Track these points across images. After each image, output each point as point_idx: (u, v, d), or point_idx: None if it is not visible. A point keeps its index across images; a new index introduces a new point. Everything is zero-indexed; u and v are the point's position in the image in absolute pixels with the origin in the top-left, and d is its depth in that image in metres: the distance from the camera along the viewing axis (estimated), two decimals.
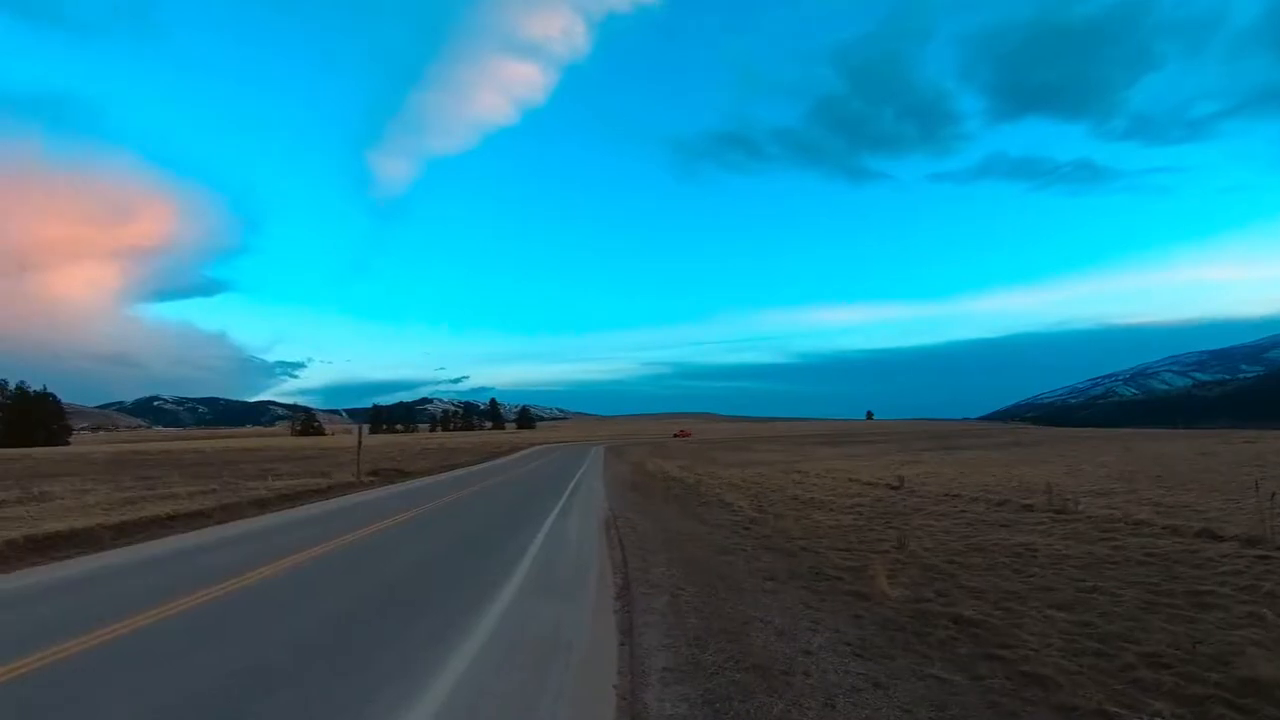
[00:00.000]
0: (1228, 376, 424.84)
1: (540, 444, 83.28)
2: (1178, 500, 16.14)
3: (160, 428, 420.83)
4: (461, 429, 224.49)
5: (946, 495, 18.54)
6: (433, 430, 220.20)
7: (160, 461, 46.38)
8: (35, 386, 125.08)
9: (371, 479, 27.74)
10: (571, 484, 22.98)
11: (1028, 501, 15.93)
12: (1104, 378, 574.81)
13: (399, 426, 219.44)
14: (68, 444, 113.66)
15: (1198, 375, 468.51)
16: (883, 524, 13.27)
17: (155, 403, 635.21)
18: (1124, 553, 9.50)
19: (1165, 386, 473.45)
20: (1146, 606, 6.65)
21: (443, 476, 29.34)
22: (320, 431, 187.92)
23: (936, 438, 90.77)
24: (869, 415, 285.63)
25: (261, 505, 17.81)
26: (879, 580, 7.17)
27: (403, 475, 30.17)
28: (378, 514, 14.58)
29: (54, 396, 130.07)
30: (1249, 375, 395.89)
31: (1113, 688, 4.39)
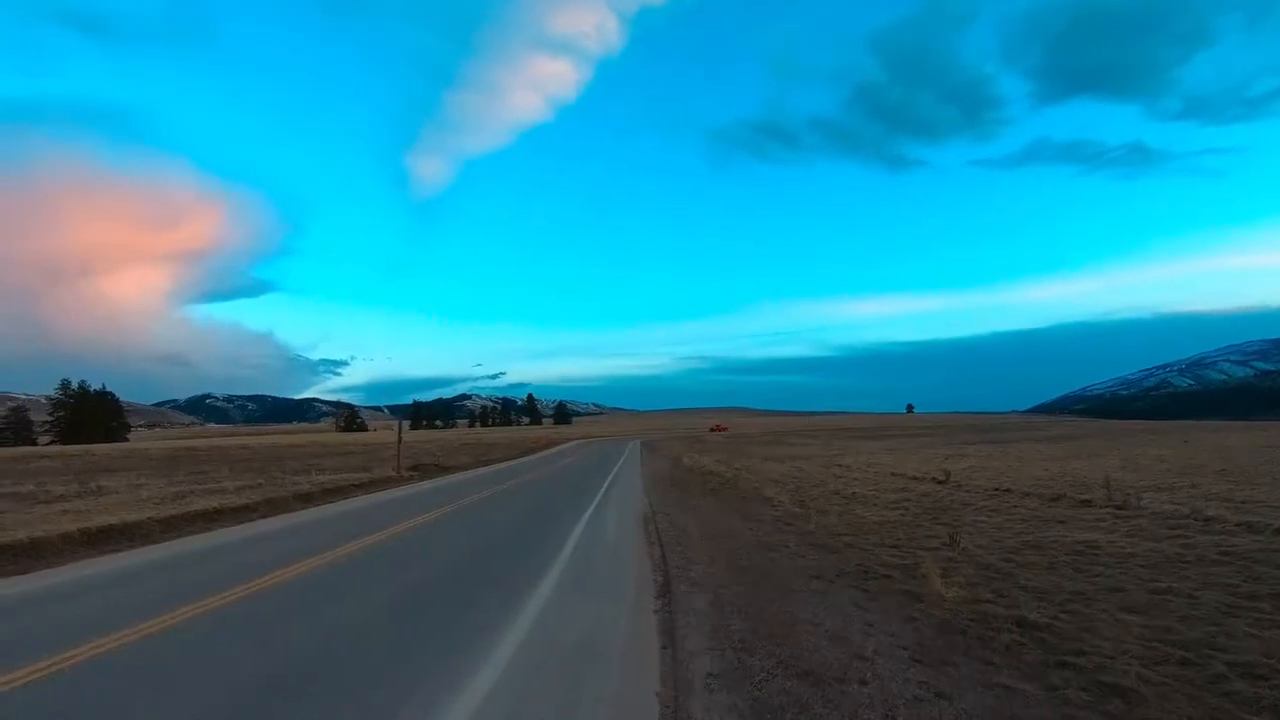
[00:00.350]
0: None
1: (576, 439, 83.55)
2: (1248, 496, 15.21)
3: (212, 424, 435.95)
4: (499, 425, 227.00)
5: (996, 490, 17.85)
6: (471, 426, 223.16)
7: (211, 457, 47.81)
8: (95, 386, 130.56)
9: (412, 474, 28.14)
10: (608, 479, 22.84)
11: (1085, 497, 15.20)
12: (1157, 368, 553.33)
13: (438, 422, 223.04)
14: (126, 440, 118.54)
15: (1258, 365, 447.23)
16: (931, 520, 12.77)
17: (207, 400, 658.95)
18: (1196, 551, 8.90)
19: (1223, 377, 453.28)
20: (1228, 610, 6.15)
21: (480, 471, 29.52)
22: (363, 428, 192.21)
23: (980, 430, 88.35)
24: (909, 408, 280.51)
25: (305, 499, 18.21)
26: (933, 579, 6.79)
27: (442, 470, 30.50)
28: (418, 508, 14.67)
29: (112, 395, 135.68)
30: None
31: (1205, 702, 3.99)
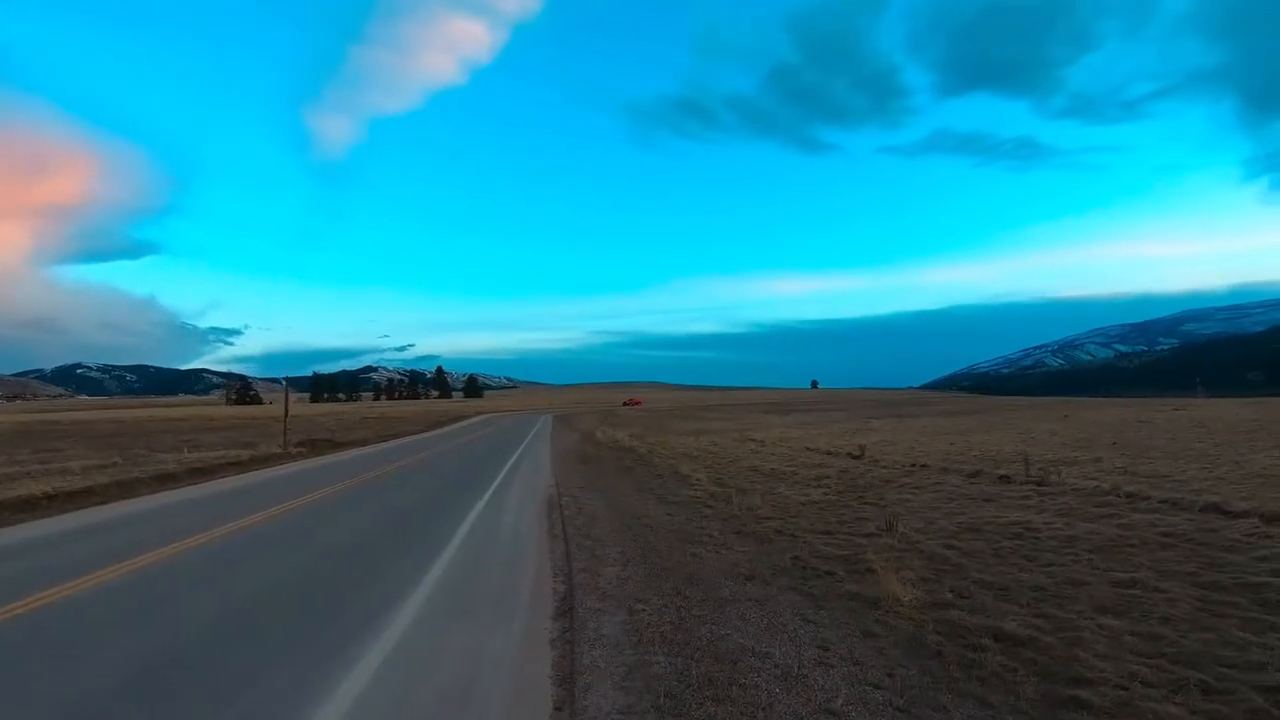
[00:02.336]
0: (1146, 348, 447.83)
1: (487, 413, 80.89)
2: (1152, 470, 15.46)
3: (84, 396, 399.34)
4: (407, 398, 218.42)
5: (913, 465, 17.56)
6: (377, 399, 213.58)
7: (71, 432, 42.63)
8: None
9: (300, 450, 25.72)
10: (514, 456, 21.22)
11: (1002, 472, 14.99)
12: (1034, 349, 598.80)
13: (341, 395, 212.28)
14: None
15: (1119, 347, 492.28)
16: (857, 499, 12.04)
17: (79, 370, 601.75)
18: (1136, 533, 8.40)
19: (1089, 358, 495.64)
20: (1208, 608, 5.43)
21: (378, 447, 27.28)
22: (257, 400, 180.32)
23: (882, 405, 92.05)
24: (814, 384, 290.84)
25: (164, 480, 15.97)
26: (885, 579, 5.76)
27: (335, 446, 28.18)
28: (290, 492, 12.69)
29: None
30: (1165, 347, 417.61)
31: None
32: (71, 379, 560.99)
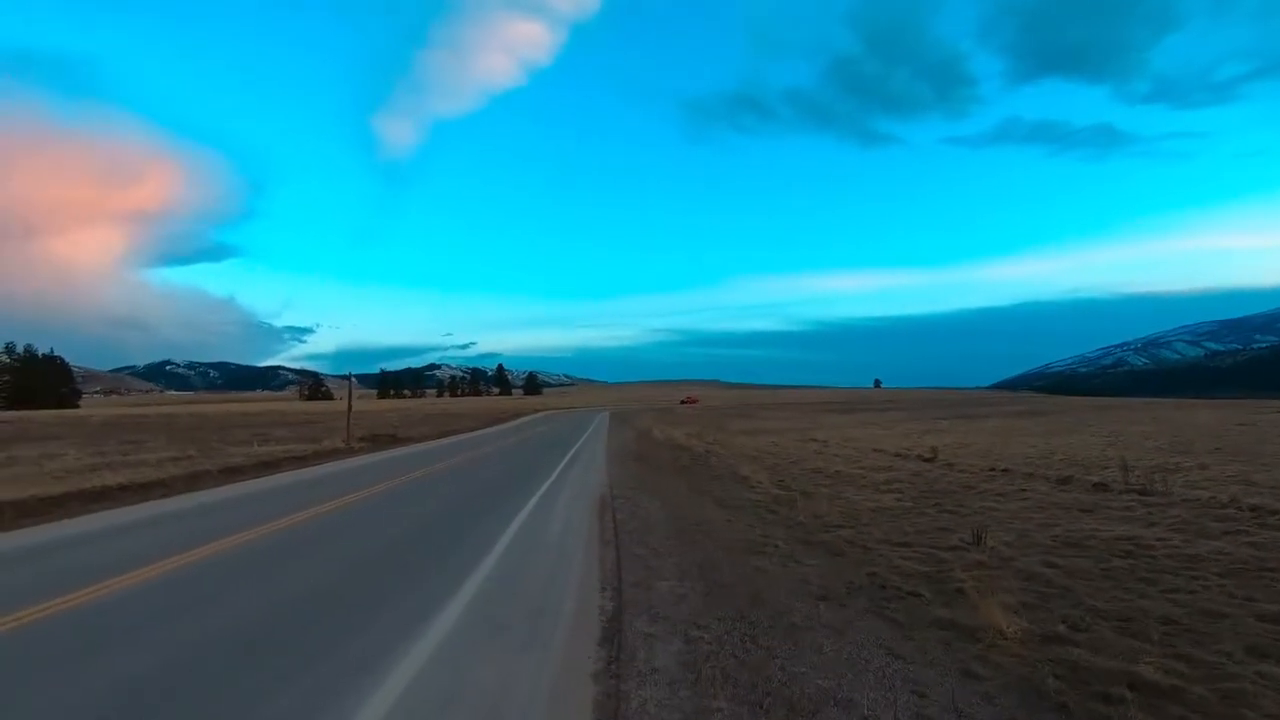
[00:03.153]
0: (1240, 346, 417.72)
1: (545, 410, 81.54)
2: (1272, 479, 13.81)
3: (172, 391, 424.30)
4: (468, 395, 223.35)
5: (992, 470, 16.30)
6: (439, 396, 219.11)
7: (156, 425, 44.88)
8: (45, 350, 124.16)
9: (362, 445, 26.19)
10: (569, 454, 20.85)
11: (1096, 479, 13.68)
12: (1115, 347, 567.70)
13: (406, 392, 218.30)
14: (77, 407, 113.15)
15: (1210, 345, 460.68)
16: (934, 506, 11.08)
17: (167, 367, 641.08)
18: (1274, 554, 7.25)
19: (1177, 356, 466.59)
20: None
21: (437, 444, 27.44)
22: (328, 396, 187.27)
23: (950, 405, 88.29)
24: (877, 383, 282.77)
25: (231, 473, 16.39)
26: (981, 604, 4.96)
27: (396, 442, 28.60)
28: (345, 487, 12.64)
29: (61, 359, 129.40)
30: (1263, 345, 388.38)
31: None
32: (161, 375, 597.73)
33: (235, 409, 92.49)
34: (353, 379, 32.41)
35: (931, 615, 5.03)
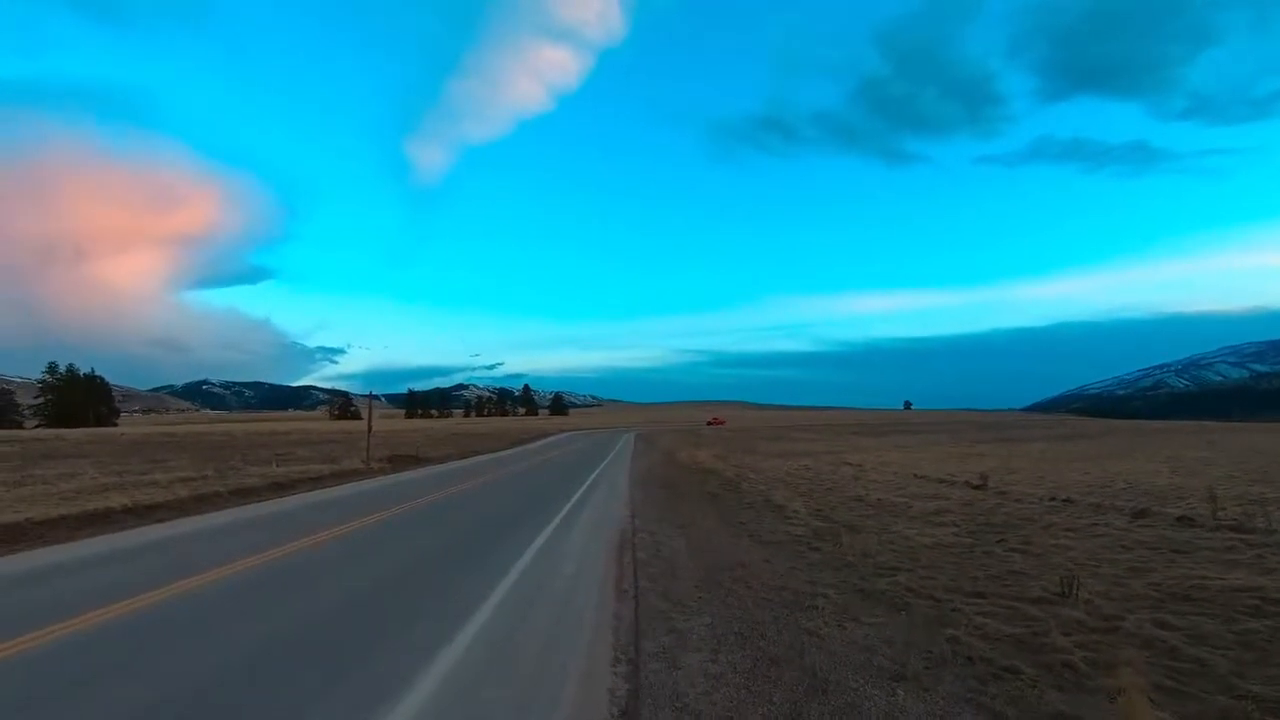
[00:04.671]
0: None
1: (570, 430, 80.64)
2: None
3: (208, 410, 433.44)
4: (495, 415, 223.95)
5: (1052, 499, 14.83)
6: (466, 416, 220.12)
7: (184, 444, 44.92)
8: (87, 369, 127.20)
9: (382, 465, 25.53)
10: (591, 477, 19.76)
11: (1177, 511, 12.20)
12: (1154, 368, 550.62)
13: (434, 412, 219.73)
14: (115, 425, 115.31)
15: (1254, 366, 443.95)
16: (997, 542, 9.76)
17: (204, 386, 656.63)
18: None
19: (1220, 378, 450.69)
20: None
21: (457, 464, 26.64)
22: (357, 416, 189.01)
23: (987, 428, 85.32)
24: (907, 405, 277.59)
25: (242, 495, 15.86)
26: (1129, 704, 3.75)
27: (417, 462, 27.98)
28: (346, 514, 11.76)
29: (101, 379, 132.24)
30: None
31: None
32: (199, 394, 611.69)
33: (264, 428, 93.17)
34: (372, 399, 31.83)
35: (1048, 708, 3.82)
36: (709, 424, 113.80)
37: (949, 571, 7.73)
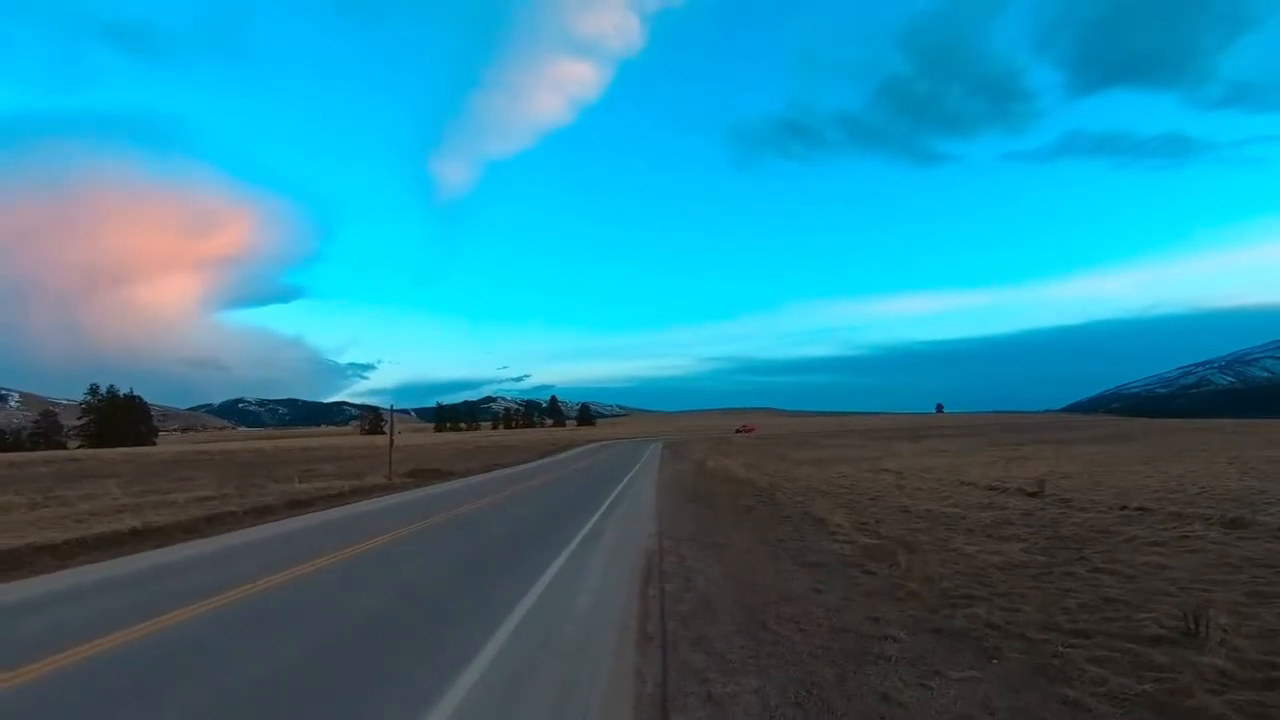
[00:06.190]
0: None
1: (597, 441, 79.82)
2: None
3: (243, 428, 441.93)
4: (522, 426, 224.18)
5: (1124, 508, 13.44)
6: (494, 428, 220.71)
7: (215, 462, 45.08)
8: (127, 390, 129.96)
9: (406, 480, 25.06)
10: (616, 490, 18.73)
11: (1274, 520, 10.79)
12: (1196, 365, 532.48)
13: (462, 425, 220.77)
14: (153, 444, 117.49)
15: None
16: (1077, 561, 8.52)
17: (240, 404, 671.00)
18: None
19: (1266, 374, 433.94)
20: None
21: (480, 478, 25.91)
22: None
23: (1024, 430, 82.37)
24: (939, 408, 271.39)
25: (260, 514, 15.18)
26: None
27: (441, 476, 27.52)
28: (356, 534, 11.07)
29: (140, 399, 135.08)
30: None
31: None
32: (234, 412, 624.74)
33: (294, 444, 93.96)
34: (393, 412, 31.29)
35: None
36: (738, 431, 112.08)
37: (1033, 600, 6.56)
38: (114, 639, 5.21)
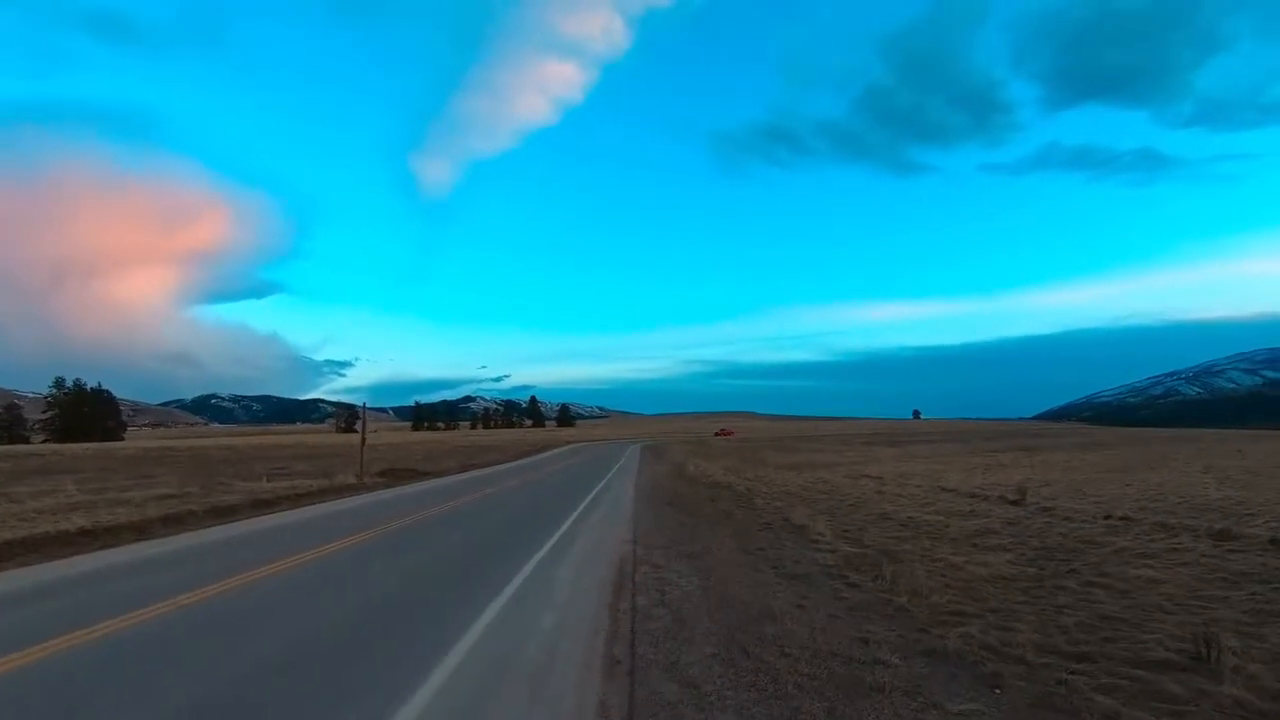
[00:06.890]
0: None
1: (576, 442, 79.06)
2: None
3: (216, 424, 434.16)
4: (501, 427, 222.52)
5: (1108, 517, 13.22)
6: (473, 428, 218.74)
7: (181, 459, 43.69)
8: (97, 384, 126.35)
9: (378, 480, 24.25)
10: (592, 494, 18.23)
11: (1262, 533, 10.58)
12: (1165, 376, 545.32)
13: (440, 424, 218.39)
14: (121, 439, 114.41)
15: (1267, 374, 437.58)
16: (1068, 573, 8.19)
17: (213, 400, 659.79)
18: None
19: (1232, 385, 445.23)
20: None
21: (455, 478, 25.26)
22: None
23: (1000, 437, 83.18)
24: (916, 414, 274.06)
25: (220, 514, 14.41)
26: None
27: (415, 476, 26.83)
28: (316, 537, 10.51)
29: (109, 393, 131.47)
30: None
31: None
32: (207, 408, 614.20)
33: (267, 441, 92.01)
34: (365, 410, 30.39)
35: None
36: (717, 434, 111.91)
37: (1027, 617, 6.17)
38: (11, 661, 4.60)
